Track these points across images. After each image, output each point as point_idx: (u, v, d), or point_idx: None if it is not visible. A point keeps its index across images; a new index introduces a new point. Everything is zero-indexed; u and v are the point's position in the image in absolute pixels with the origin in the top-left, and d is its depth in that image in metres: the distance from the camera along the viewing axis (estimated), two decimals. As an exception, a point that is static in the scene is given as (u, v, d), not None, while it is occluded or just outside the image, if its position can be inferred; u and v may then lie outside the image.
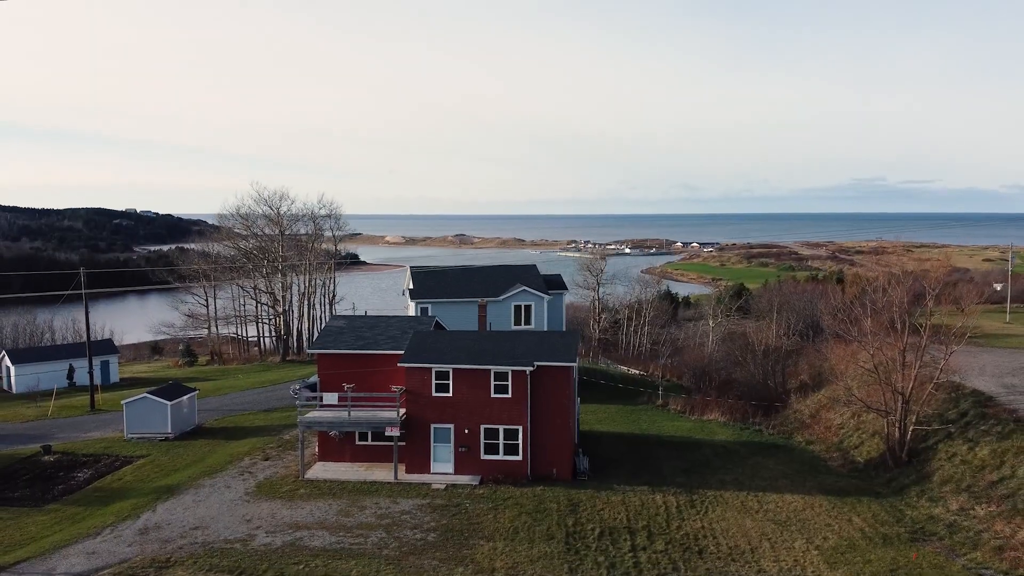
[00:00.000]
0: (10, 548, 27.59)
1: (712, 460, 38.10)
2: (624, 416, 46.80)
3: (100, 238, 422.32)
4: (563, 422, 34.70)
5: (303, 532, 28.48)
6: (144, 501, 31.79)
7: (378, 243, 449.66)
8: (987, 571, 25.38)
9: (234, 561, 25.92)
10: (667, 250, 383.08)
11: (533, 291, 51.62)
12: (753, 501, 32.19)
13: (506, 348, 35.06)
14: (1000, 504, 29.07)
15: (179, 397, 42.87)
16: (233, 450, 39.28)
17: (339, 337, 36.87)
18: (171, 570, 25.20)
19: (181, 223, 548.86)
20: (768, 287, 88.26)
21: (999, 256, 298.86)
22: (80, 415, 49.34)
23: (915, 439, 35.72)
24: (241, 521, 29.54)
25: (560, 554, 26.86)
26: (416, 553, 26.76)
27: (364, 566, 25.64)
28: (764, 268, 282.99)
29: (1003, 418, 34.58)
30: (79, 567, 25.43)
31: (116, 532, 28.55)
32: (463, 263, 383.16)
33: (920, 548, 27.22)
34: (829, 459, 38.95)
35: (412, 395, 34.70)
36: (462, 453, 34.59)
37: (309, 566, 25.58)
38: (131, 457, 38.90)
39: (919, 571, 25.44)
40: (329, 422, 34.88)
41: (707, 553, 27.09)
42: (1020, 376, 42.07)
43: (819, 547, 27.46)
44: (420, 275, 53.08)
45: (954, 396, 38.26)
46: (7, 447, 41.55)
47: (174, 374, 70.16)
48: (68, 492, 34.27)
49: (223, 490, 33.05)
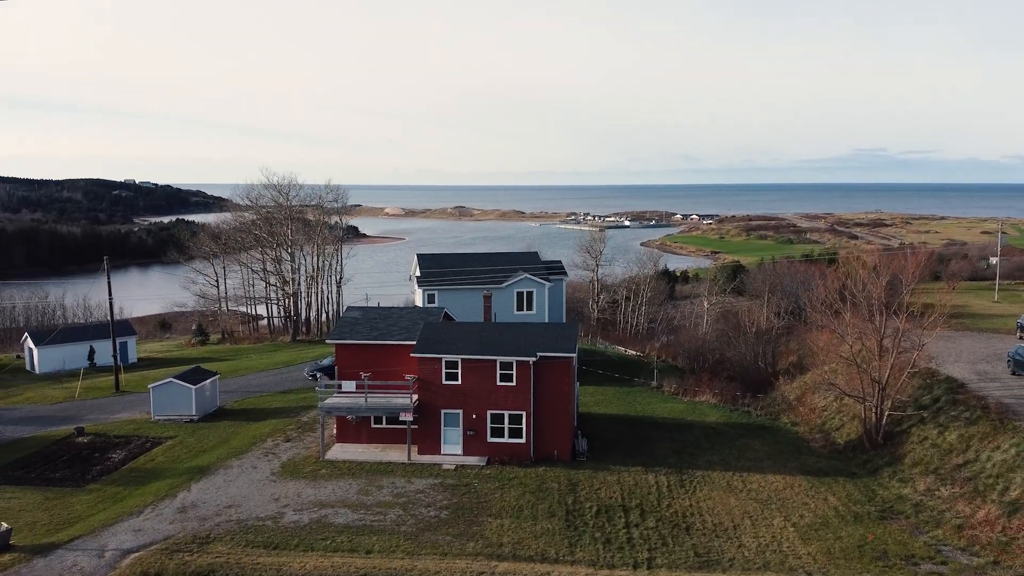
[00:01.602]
0: (62, 526, 30.39)
1: (702, 441, 40.88)
2: (621, 398, 49.52)
3: (100, 209, 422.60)
4: (563, 408, 37.38)
5: (327, 510, 31.28)
6: (179, 481, 34.57)
7: (378, 215, 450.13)
8: (946, 547, 28.20)
9: (267, 537, 28.73)
10: (666, 222, 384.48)
11: (534, 278, 54.01)
12: (738, 481, 35.01)
13: (511, 340, 37.60)
14: (963, 486, 31.87)
15: (202, 381, 45.50)
16: (255, 431, 42.03)
17: (355, 328, 39.37)
18: (211, 545, 28.03)
19: (180, 193, 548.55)
20: (763, 267, 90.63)
21: (996, 228, 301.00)
22: (106, 396, 52.01)
23: (890, 423, 38.45)
24: (270, 500, 32.33)
25: (561, 530, 29.67)
26: (431, 529, 29.57)
27: (385, 541, 28.45)
28: (762, 241, 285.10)
29: (972, 405, 37.25)
30: (128, 543, 28.25)
31: (157, 511, 31.35)
32: (462, 235, 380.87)
33: (887, 526, 30.05)
34: (812, 440, 41.76)
35: (424, 383, 37.32)
36: (470, 436, 37.32)
37: (335, 541, 28.39)
38: (160, 438, 41.66)
39: (884, 547, 28.28)
40: (348, 408, 37.58)
41: (693, 530, 29.92)
42: (993, 363, 44.68)
43: (795, 524, 30.31)
44: (426, 262, 55.41)
45: (929, 383, 40.93)
46: (41, 429, 44.27)
47: (188, 354, 72.85)
48: (105, 472, 37.06)
49: (250, 470, 35.83)
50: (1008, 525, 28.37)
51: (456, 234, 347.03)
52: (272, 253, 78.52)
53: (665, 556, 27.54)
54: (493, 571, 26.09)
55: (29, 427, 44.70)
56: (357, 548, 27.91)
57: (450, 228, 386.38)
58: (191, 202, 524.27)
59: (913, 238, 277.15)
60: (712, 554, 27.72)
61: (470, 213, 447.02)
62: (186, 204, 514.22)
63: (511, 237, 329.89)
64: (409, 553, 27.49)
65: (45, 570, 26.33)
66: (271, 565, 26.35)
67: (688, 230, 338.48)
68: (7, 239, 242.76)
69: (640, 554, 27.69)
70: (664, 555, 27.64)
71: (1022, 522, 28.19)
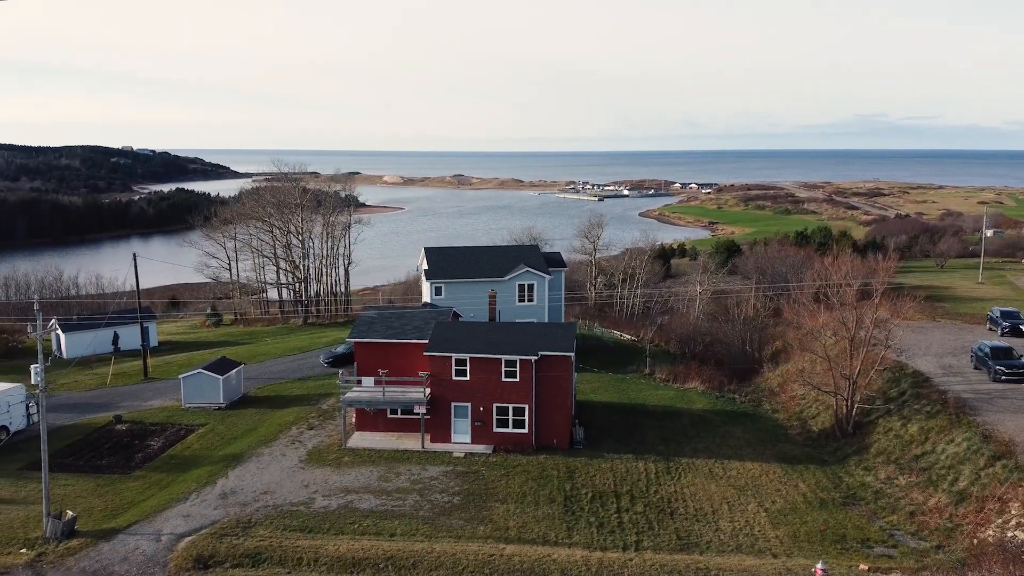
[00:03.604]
0: (117, 512, 34.23)
1: (688, 429, 44.71)
2: (615, 386, 53.27)
3: (99, 177, 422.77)
4: (562, 401, 41.10)
5: (353, 496, 35.12)
6: (216, 469, 38.37)
7: (376, 183, 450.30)
8: (898, 532, 32.14)
9: (302, 522, 32.59)
10: (665, 191, 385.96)
11: (535, 271, 57.37)
12: (719, 468, 38.88)
13: (514, 339, 41.17)
14: (919, 475, 35.74)
15: (228, 371, 49.15)
16: (280, 419, 45.79)
17: (372, 327, 42.88)
18: (254, 529, 31.91)
19: (178, 160, 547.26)
20: (755, 250, 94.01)
21: (993, 198, 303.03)
22: (136, 383, 55.67)
23: (860, 414, 42.25)
24: (301, 486, 36.16)
25: (560, 515, 33.54)
26: (445, 514, 33.43)
27: (406, 525, 32.31)
28: (760, 212, 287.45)
29: (934, 399, 41.00)
30: (180, 528, 32.11)
31: (201, 497, 35.19)
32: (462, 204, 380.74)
33: (848, 512, 33.97)
34: (789, 427, 45.64)
35: (435, 378, 40.97)
36: (478, 426, 41.10)
37: (362, 525, 32.26)
38: (192, 426, 45.44)
39: (843, 531, 32.20)
40: (367, 401, 41.32)
41: (677, 514, 33.82)
42: (959, 356, 48.36)
43: (767, 509, 34.21)
44: (433, 256, 58.70)
45: (897, 376, 44.67)
46: (80, 416, 47.98)
47: (204, 336, 76.54)
48: (147, 460, 40.87)
49: (280, 458, 39.65)
50: (955, 513, 32.26)
51: (455, 203, 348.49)
52: (283, 240, 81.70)
53: (651, 539, 31.45)
54: (501, 553, 29.97)
55: (68, 414, 48.37)
56: (382, 531, 31.76)
57: (449, 197, 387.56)
58: (189, 169, 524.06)
59: (910, 208, 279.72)
60: (692, 537, 31.64)
61: (469, 182, 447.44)
62: (184, 171, 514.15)
63: (510, 207, 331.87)
64: (428, 536, 31.37)
65: (111, 554, 30.21)
66: (309, 548, 30.23)
67: (687, 200, 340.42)
68: (9, 209, 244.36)
69: (629, 537, 31.60)
70: (650, 538, 31.54)
71: (967, 511, 32.07)
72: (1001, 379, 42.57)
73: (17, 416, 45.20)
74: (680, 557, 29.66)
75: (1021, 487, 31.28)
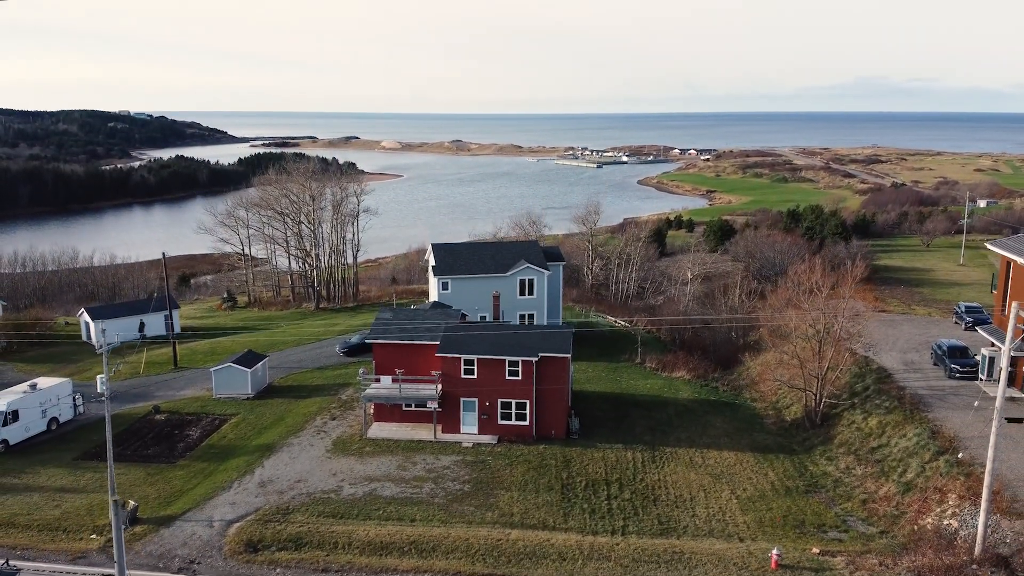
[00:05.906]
0: (170, 500, 39.07)
1: (673, 419, 49.47)
2: (608, 375, 57.95)
3: (97, 142, 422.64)
4: (559, 396, 45.77)
5: (375, 484, 39.93)
6: (252, 459, 43.15)
7: (374, 148, 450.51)
8: (851, 518, 36.98)
9: (333, 508, 37.42)
10: (664, 157, 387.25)
11: (535, 267, 61.57)
12: (699, 457, 43.69)
13: (517, 342, 45.64)
14: (874, 466, 40.54)
15: (255, 364, 53.79)
16: (304, 409, 50.51)
17: (388, 329, 47.31)
18: (292, 515, 36.75)
19: (176, 125, 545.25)
20: (745, 235, 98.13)
21: (990, 165, 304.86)
22: (167, 373, 60.30)
23: (827, 406, 46.97)
24: (329, 475, 40.97)
25: (557, 502, 38.38)
26: (458, 501, 38.27)
27: (423, 511, 37.15)
28: (758, 179, 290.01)
29: (893, 394, 45.67)
30: (229, 515, 36.96)
31: (242, 485, 40.00)
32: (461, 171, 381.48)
33: (809, 499, 38.84)
34: (765, 417, 50.40)
35: (446, 376, 45.59)
36: (484, 419, 45.85)
37: (386, 511, 37.09)
38: (225, 416, 50.18)
39: (803, 516, 37.07)
40: (386, 397, 46.05)
41: (659, 501, 38.69)
42: (922, 352, 52.95)
43: (739, 497, 39.08)
44: (440, 252, 62.83)
45: (863, 371, 49.30)
46: (121, 406, 52.62)
47: (222, 321, 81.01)
48: (188, 449, 45.66)
49: (308, 448, 44.43)
50: (901, 501, 37.09)
51: (455, 170, 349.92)
52: (295, 228, 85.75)
53: (635, 524, 36.35)
54: (507, 538, 34.84)
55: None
56: (403, 517, 36.58)
57: (448, 163, 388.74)
58: (187, 134, 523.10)
59: (907, 176, 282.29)
60: (671, 522, 36.53)
61: (467, 147, 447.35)
62: (182, 136, 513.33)
63: (510, 174, 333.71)
64: (443, 522, 36.23)
65: (172, 539, 35.08)
66: (343, 533, 35.09)
67: (685, 167, 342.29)
68: (11, 178, 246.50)
69: (617, 522, 36.48)
70: (635, 523, 36.44)
71: (911, 500, 36.89)
72: (955, 376, 47.16)
73: (65, 408, 50.02)
74: (659, 541, 34.54)
75: (959, 480, 36.04)
